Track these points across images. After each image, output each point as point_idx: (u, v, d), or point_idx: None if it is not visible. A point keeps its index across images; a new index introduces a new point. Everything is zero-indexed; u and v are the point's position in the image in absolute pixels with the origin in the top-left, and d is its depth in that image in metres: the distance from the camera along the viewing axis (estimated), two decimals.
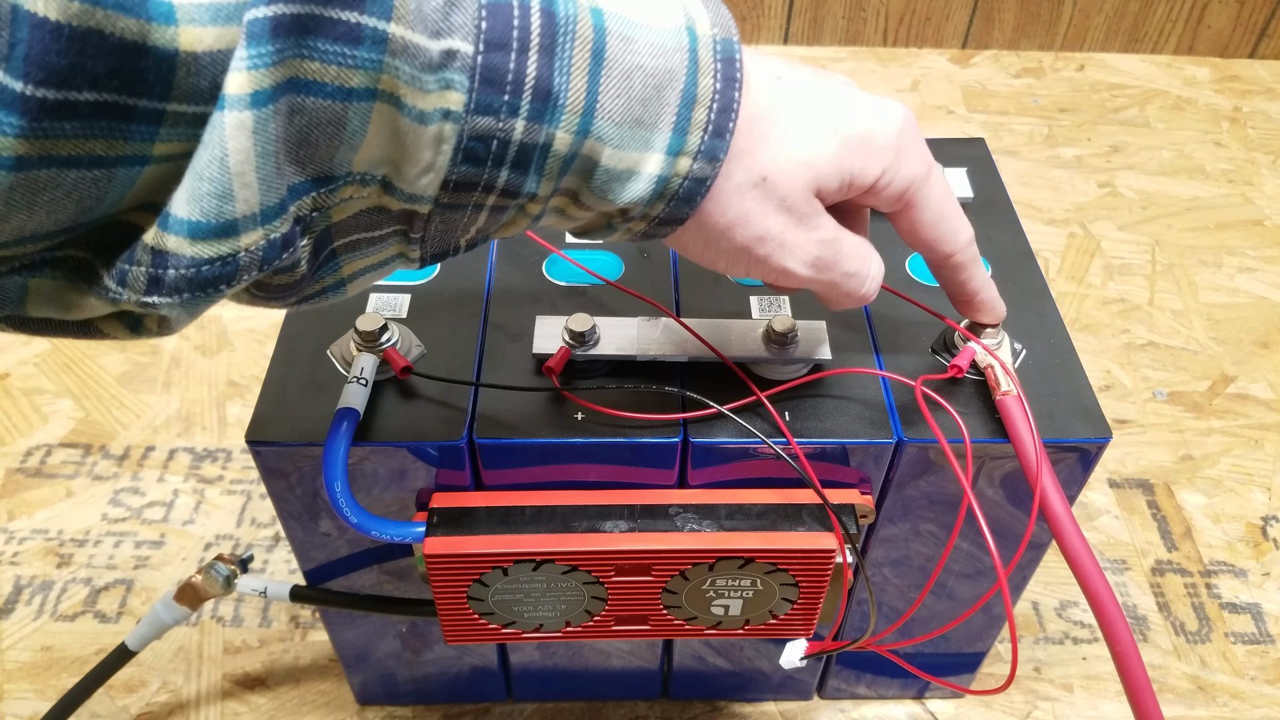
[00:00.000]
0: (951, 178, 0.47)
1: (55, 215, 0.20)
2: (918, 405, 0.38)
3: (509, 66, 0.23)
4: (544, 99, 0.24)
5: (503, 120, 0.24)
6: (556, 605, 0.40)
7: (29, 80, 0.18)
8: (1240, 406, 0.69)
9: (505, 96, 0.23)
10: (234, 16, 0.19)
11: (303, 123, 0.22)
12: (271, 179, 0.22)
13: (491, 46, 0.23)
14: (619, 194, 0.26)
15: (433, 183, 0.24)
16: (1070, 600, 0.58)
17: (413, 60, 0.22)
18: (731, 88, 0.26)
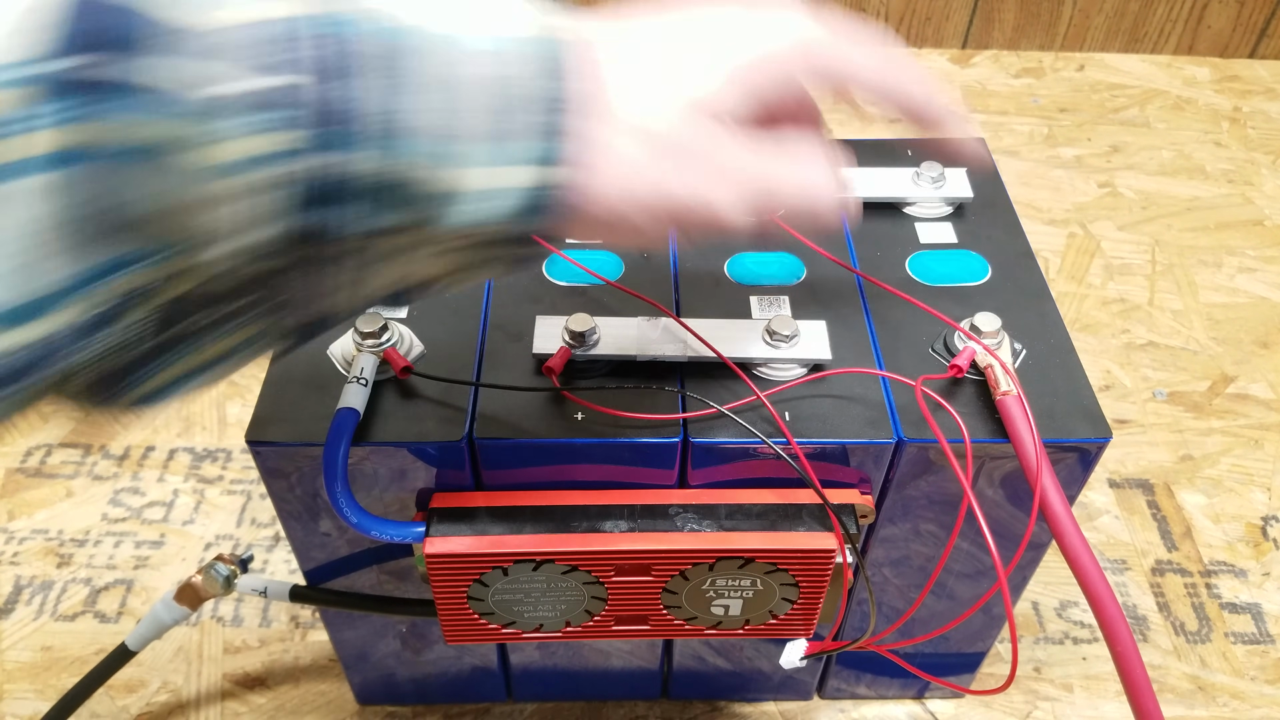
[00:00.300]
0: (952, 178, 0.47)
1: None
2: (918, 405, 0.38)
3: (307, 98, 0.21)
4: (383, 128, 0.22)
5: (340, 157, 0.22)
6: (556, 605, 0.40)
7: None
8: (1240, 406, 0.68)
9: (339, 129, 0.21)
10: (16, 80, 0.18)
11: (97, 188, 0.20)
12: (78, 250, 0.20)
13: (325, 76, 0.21)
14: (454, 217, 0.24)
15: (264, 239, 0.22)
16: (1070, 600, 0.58)
17: (201, 108, 0.20)
18: (566, 80, 0.24)
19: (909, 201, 0.47)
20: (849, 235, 0.46)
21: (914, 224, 0.46)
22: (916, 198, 0.46)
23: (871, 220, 0.46)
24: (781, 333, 0.39)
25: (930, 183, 0.46)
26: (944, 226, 0.46)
